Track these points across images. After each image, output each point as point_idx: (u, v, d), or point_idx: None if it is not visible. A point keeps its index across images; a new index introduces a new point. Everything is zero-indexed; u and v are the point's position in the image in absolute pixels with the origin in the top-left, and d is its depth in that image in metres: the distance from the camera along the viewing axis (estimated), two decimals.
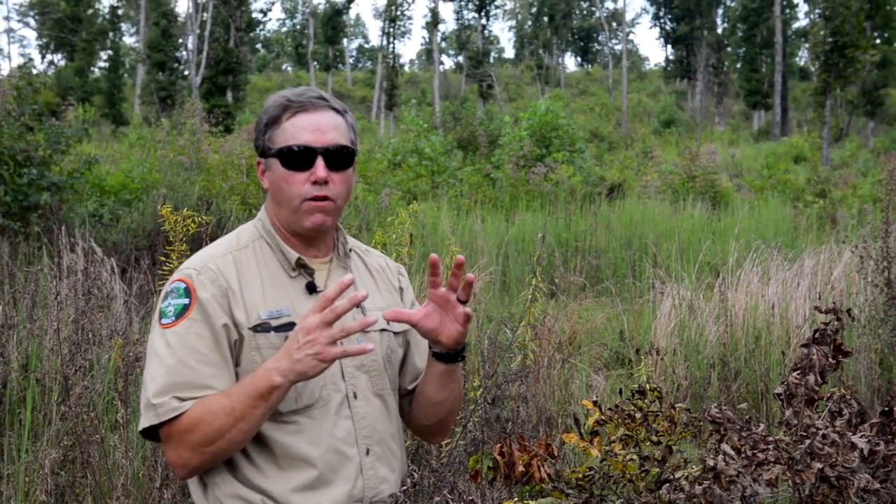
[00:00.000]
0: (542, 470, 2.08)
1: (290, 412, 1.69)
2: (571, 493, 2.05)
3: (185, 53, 38.65)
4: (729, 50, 49.73)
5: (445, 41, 66.46)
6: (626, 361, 6.10)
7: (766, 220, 11.48)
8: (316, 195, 1.72)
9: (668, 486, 1.87)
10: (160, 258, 5.25)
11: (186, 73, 37.20)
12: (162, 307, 1.70)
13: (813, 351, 1.95)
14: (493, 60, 59.41)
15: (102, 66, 44.46)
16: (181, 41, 39.57)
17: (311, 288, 1.77)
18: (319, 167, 1.72)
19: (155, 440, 1.70)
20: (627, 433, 2.14)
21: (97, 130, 25.79)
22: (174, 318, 1.67)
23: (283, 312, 1.72)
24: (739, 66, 48.12)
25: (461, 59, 58.98)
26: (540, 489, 2.09)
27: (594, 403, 2.21)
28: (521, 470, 2.07)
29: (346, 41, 61.97)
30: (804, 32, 51.13)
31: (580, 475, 2.08)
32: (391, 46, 48.07)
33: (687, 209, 12.40)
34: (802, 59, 58.58)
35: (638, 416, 2.16)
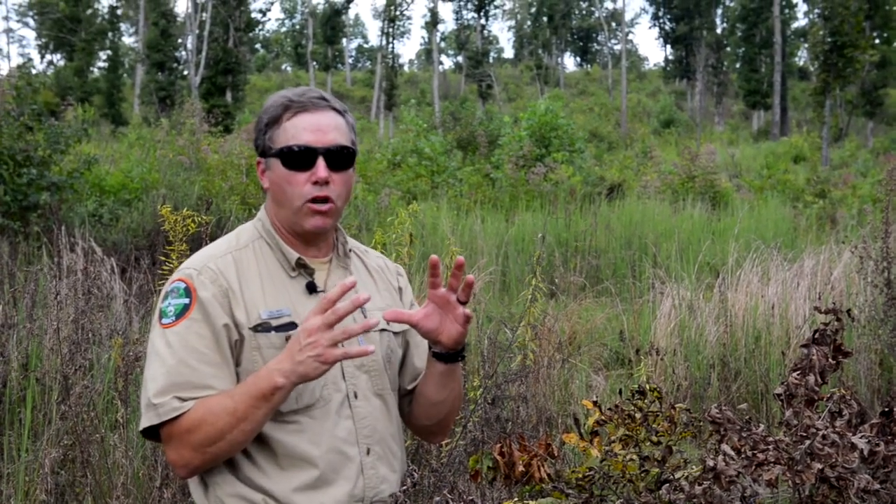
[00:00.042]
0: (542, 470, 2.08)
1: (290, 412, 1.69)
2: (571, 493, 2.05)
3: (184, 53, 38.64)
4: (728, 50, 49.73)
5: (445, 41, 66.46)
6: (625, 361, 6.10)
7: (765, 220, 11.48)
8: (317, 195, 1.72)
9: (668, 486, 1.87)
10: (160, 258, 5.25)
11: (186, 73, 37.19)
12: (162, 307, 1.69)
13: (813, 351, 1.95)
14: (492, 60, 59.38)
15: (102, 66, 44.45)
16: (180, 41, 39.57)
17: (311, 288, 1.77)
18: (320, 167, 1.72)
19: (155, 440, 1.69)
20: (627, 433, 2.15)
21: (96, 130, 25.77)
22: (174, 317, 1.66)
23: (283, 312, 1.72)
24: (739, 66, 48.13)
25: (460, 59, 58.97)
26: (540, 489, 2.09)
27: (594, 403, 2.21)
28: (521, 470, 2.07)
29: (345, 41, 61.92)
30: (803, 32, 51.13)
31: (580, 475, 2.08)
32: (390, 46, 48.07)
33: (686, 209, 12.40)
34: (802, 59, 58.60)
35: (638, 416, 2.16)
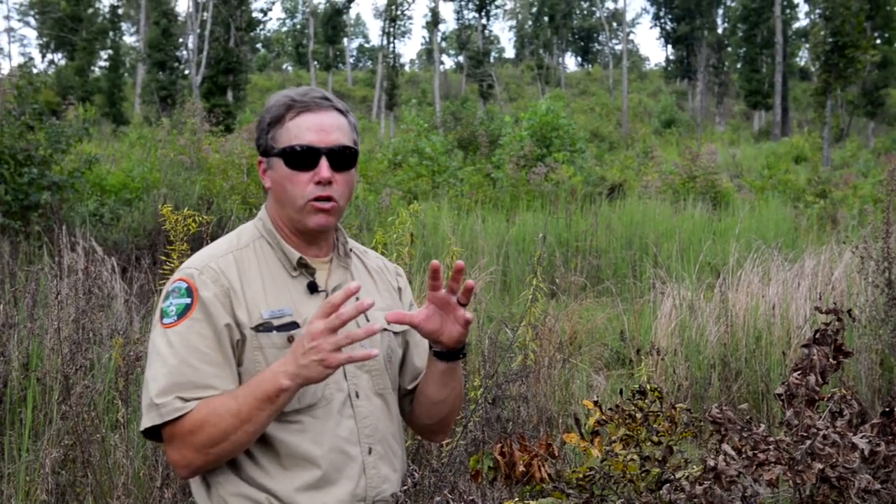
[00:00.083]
0: (542, 470, 2.08)
1: (293, 411, 1.68)
2: (572, 493, 2.05)
3: (185, 53, 38.64)
4: (729, 50, 49.71)
5: (446, 41, 66.45)
6: (626, 361, 6.10)
7: (766, 220, 11.48)
8: (319, 195, 1.72)
9: (668, 486, 1.87)
10: (161, 257, 5.25)
11: (187, 72, 37.21)
12: (163, 307, 1.69)
13: (814, 351, 1.95)
14: (493, 60, 59.40)
15: (103, 65, 44.50)
16: (181, 40, 39.58)
17: (312, 288, 1.77)
18: (323, 167, 1.72)
19: (157, 440, 1.69)
20: (628, 433, 2.15)
21: (97, 130, 25.76)
22: (176, 317, 1.66)
23: (284, 312, 1.71)
24: (740, 66, 48.10)
25: (461, 58, 58.97)
26: (540, 489, 2.09)
27: (595, 403, 2.21)
28: (521, 470, 2.07)
29: (346, 41, 61.96)
30: (804, 32, 51.12)
31: (581, 475, 2.08)
32: (391, 46, 48.07)
33: (687, 209, 12.40)
34: (803, 59, 58.56)
35: (639, 416, 2.16)
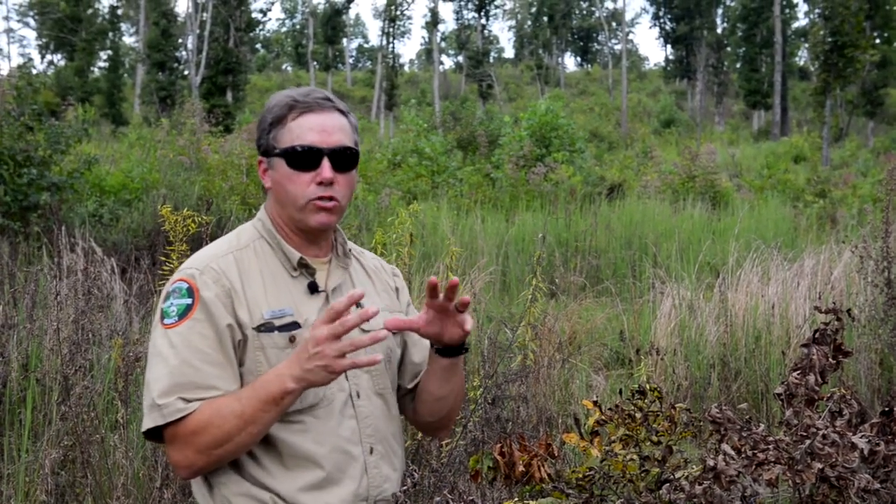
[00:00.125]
0: (542, 470, 2.08)
1: (294, 412, 1.68)
2: (572, 493, 2.05)
3: (184, 53, 38.64)
4: (728, 50, 49.72)
5: (445, 41, 66.47)
6: (626, 361, 6.10)
7: (765, 220, 11.48)
8: (321, 195, 1.73)
9: (668, 486, 1.86)
10: (160, 258, 5.26)
11: (186, 72, 37.20)
12: (163, 307, 1.69)
13: (813, 351, 1.95)
14: (492, 60, 59.38)
15: (102, 65, 44.46)
16: (181, 41, 39.57)
17: (312, 288, 1.77)
18: (325, 168, 1.72)
19: (158, 441, 1.69)
20: (628, 433, 2.14)
21: (97, 130, 25.77)
22: (177, 318, 1.66)
23: (285, 312, 1.72)
24: (739, 65, 48.10)
25: (461, 58, 58.97)
26: (540, 489, 2.09)
27: (594, 403, 2.21)
28: (521, 470, 2.07)
29: (345, 41, 61.95)
30: (804, 32, 51.12)
31: (580, 475, 2.08)
32: (391, 46, 48.07)
33: (687, 209, 12.40)
34: (802, 58, 58.58)
35: (638, 416, 2.16)
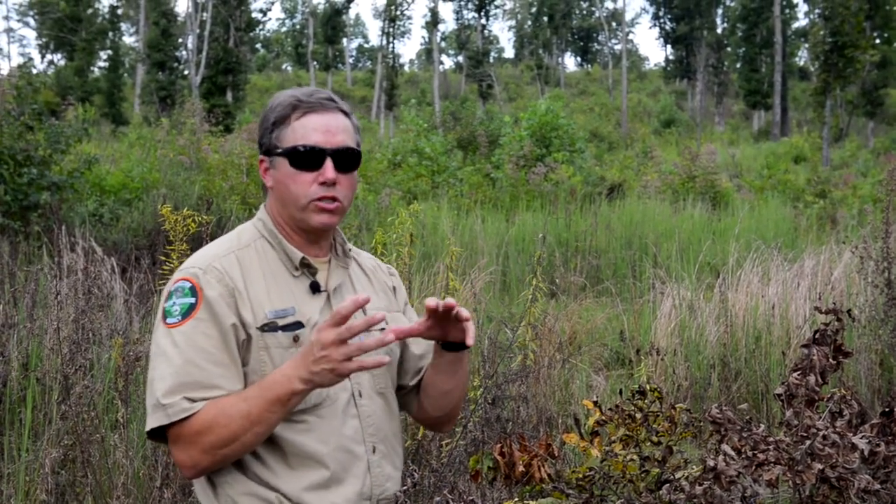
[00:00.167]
0: (542, 470, 2.08)
1: (298, 411, 1.68)
2: (572, 493, 2.05)
3: (184, 53, 38.64)
4: (729, 50, 49.70)
5: (445, 41, 66.43)
6: (626, 362, 6.10)
7: (766, 220, 11.48)
8: (324, 195, 1.73)
9: (668, 486, 1.87)
10: (160, 258, 5.26)
11: (186, 72, 37.20)
12: (166, 307, 1.68)
13: (813, 351, 1.95)
14: (492, 60, 59.37)
15: (102, 65, 44.46)
16: (181, 41, 39.56)
17: (314, 287, 1.78)
18: (328, 168, 1.72)
19: (161, 441, 1.68)
20: (628, 433, 2.15)
21: (97, 130, 25.77)
22: (180, 317, 1.65)
23: (288, 312, 1.72)
24: (739, 66, 48.09)
25: (461, 58, 58.95)
26: (540, 489, 2.09)
27: (594, 404, 2.21)
28: (521, 470, 2.07)
29: (345, 41, 61.92)
30: (804, 32, 51.11)
31: (580, 475, 2.08)
32: (391, 46, 48.06)
33: (687, 209, 12.40)
34: (802, 59, 58.55)
35: (638, 416, 2.16)
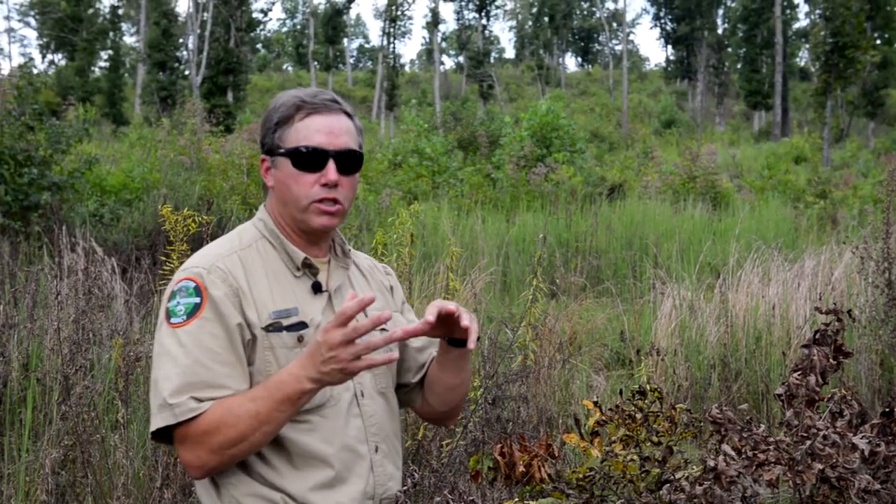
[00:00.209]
0: (542, 470, 2.08)
1: (302, 411, 1.68)
2: (572, 493, 2.05)
3: (185, 53, 38.65)
4: (729, 50, 49.70)
5: (446, 41, 66.45)
6: (626, 362, 6.10)
7: (766, 220, 11.47)
8: (325, 197, 1.73)
9: (668, 486, 1.86)
10: (161, 258, 5.26)
11: (187, 72, 37.22)
12: (169, 306, 1.67)
13: (814, 352, 1.95)
14: (493, 61, 59.41)
15: (103, 65, 44.50)
16: (182, 41, 39.59)
17: (316, 288, 1.78)
18: (331, 170, 1.73)
19: (166, 441, 1.67)
20: (628, 434, 2.14)
21: (98, 130, 25.76)
22: (185, 317, 1.64)
23: (291, 312, 1.72)
24: (740, 66, 48.09)
25: (461, 59, 58.98)
26: (540, 489, 2.09)
27: (595, 404, 2.21)
28: (521, 470, 2.07)
29: (346, 41, 61.96)
30: (804, 33, 51.11)
31: (581, 475, 2.08)
32: (391, 46, 48.07)
33: (687, 210, 12.40)
34: (803, 59, 58.55)
35: (638, 416, 2.16)
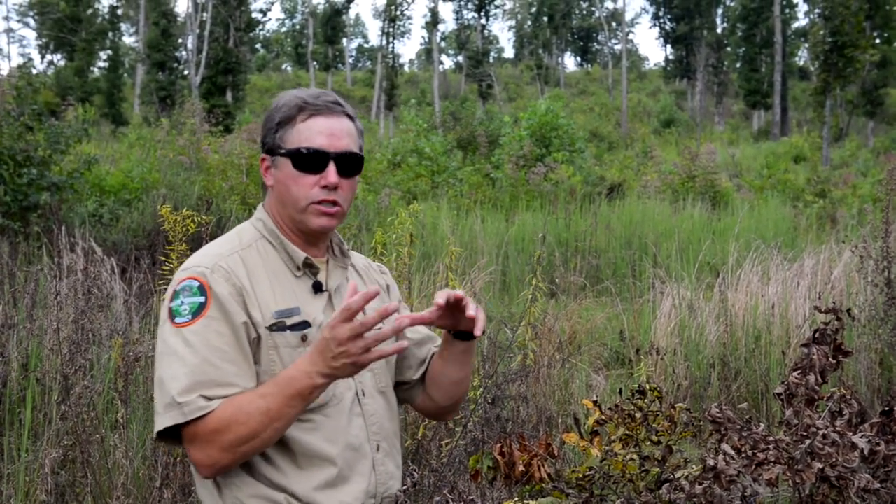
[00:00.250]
0: (542, 470, 2.08)
1: (306, 410, 1.68)
2: (571, 492, 2.05)
3: (184, 53, 38.62)
4: (728, 50, 49.70)
5: (445, 41, 66.45)
6: (626, 361, 6.10)
7: (765, 219, 11.48)
8: (324, 199, 1.74)
9: (668, 485, 1.87)
10: (160, 258, 5.26)
11: (186, 72, 37.19)
12: (173, 306, 1.66)
13: (813, 351, 1.95)
14: (492, 60, 59.37)
15: (102, 65, 44.43)
16: (181, 41, 39.55)
17: (317, 287, 1.78)
18: (331, 172, 1.73)
19: (172, 441, 1.66)
20: (627, 433, 2.15)
21: (97, 130, 25.77)
22: (190, 316, 1.64)
23: (293, 311, 1.72)
24: (739, 65, 48.09)
25: (461, 58, 58.95)
26: (540, 489, 2.09)
27: (594, 403, 2.21)
28: (521, 470, 2.07)
29: (345, 41, 61.90)
30: (804, 32, 51.11)
31: (580, 475, 2.08)
32: (391, 46, 48.05)
33: (687, 209, 12.40)
34: (802, 58, 58.57)
35: (638, 415, 2.16)
